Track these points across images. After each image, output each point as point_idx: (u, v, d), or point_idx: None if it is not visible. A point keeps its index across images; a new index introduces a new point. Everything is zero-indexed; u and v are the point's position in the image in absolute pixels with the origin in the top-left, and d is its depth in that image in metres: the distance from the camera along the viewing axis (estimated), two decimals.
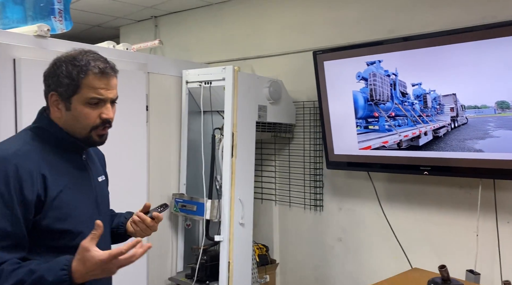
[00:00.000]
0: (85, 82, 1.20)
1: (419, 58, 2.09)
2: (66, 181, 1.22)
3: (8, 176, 1.11)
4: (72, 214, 1.21)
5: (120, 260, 1.08)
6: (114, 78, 1.26)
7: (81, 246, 1.08)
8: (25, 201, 1.12)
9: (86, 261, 1.07)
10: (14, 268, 1.07)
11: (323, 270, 2.89)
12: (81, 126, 1.23)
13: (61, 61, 1.22)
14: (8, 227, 1.09)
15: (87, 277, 1.08)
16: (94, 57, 1.23)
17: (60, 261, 1.09)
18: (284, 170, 3.07)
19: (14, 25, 2.23)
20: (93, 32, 4.38)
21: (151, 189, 2.59)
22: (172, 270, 2.71)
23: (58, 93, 1.21)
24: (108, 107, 1.24)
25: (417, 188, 2.43)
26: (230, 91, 2.45)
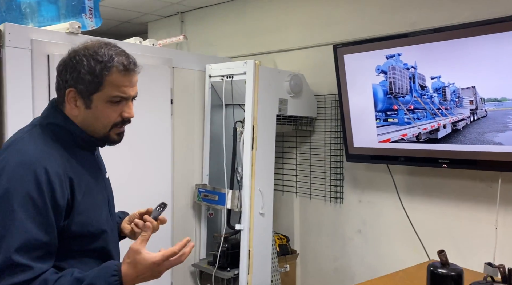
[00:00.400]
0: (109, 79, 1.11)
1: (439, 51, 2.09)
2: (86, 182, 1.15)
3: (40, 181, 1.03)
4: (95, 217, 1.16)
5: (171, 261, 1.06)
6: (136, 74, 1.18)
7: (131, 249, 1.05)
8: (58, 208, 1.05)
9: (137, 264, 1.03)
10: (57, 278, 1.02)
11: (343, 261, 2.93)
12: (101, 125, 1.15)
13: (81, 55, 1.12)
14: (43, 236, 1.02)
15: (137, 280, 1.05)
16: (116, 51, 1.14)
17: (109, 266, 1.05)
18: (305, 162, 3.12)
19: (48, 23, 2.37)
20: (122, 28, 4.54)
21: (176, 180, 2.70)
22: (195, 257, 2.82)
23: (78, 90, 1.12)
24: (130, 106, 1.17)
25: (437, 181, 2.43)
26: (251, 84, 2.52)
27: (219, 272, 2.60)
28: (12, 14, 2.32)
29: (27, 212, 1.00)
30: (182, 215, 2.76)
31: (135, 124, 2.59)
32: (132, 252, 1.04)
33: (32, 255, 1.00)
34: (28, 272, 0.98)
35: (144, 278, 1.05)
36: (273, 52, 3.30)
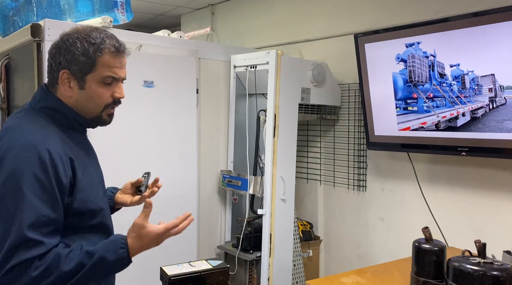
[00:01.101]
0: (101, 60, 1.17)
1: (458, 39, 2.08)
2: (83, 162, 1.22)
3: (44, 162, 1.08)
4: (93, 194, 1.22)
5: (171, 232, 1.18)
6: (125, 57, 1.26)
7: (136, 224, 1.14)
8: (62, 186, 1.11)
9: (143, 237, 1.13)
10: (68, 252, 1.09)
11: (365, 248, 2.97)
12: (94, 105, 1.21)
13: (74, 37, 1.18)
14: (51, 213, 1.09)
15: (141, 251, 1.16)
16: (107, 34, 1.20)
17: (117, 240, 1.14)
18: (329, 151, 3.17)
19: (84, 18, 2.56)
20: (157, 21, 4.72)
21: (202, 166, 2.84)
22: (220, 239, 2.96)
23: (71, 71, 1.17)
24: (120, 86, 1.25)
25: (458, 169, 2.41)
26: (273, 74, 2.60)
27: (242, 254, 2.73)
28: (52, 10, 2.52)
29: (34, 191, 1.06)
30: (208, 199, 2.91)
31: (163, 114, 2.77)
32: (137, 227, 1.14)
33: (43, 231, 1.06)
34: (40, 247, 1.05)
35: (148, 248, 1.16)
36: (299, 42, 3.35)
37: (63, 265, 1.06)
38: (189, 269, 1.24)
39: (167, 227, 1.15)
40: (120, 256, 1.11)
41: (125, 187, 1.50)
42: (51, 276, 1.05)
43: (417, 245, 1.04)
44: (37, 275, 1.04)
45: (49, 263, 1.06)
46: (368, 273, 1.88)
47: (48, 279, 1.05)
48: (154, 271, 2.57)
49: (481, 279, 0.87)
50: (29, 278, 1.04)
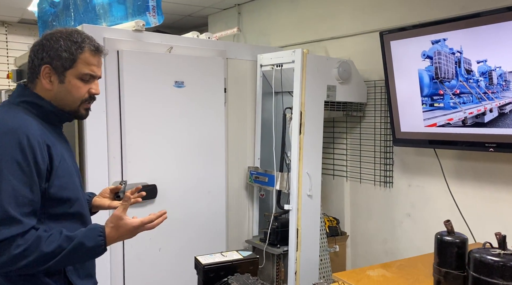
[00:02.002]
0: (82, 57, 1.27)
1: (485, 35, 2.07)
2: (61, 151, 1.28)
3: (23, 145, 1.15)
4: (71, 182, 1.29)
5: (145, 227, 1.25)
6: (102, 58, 1.35)
7: (115, 215, 1.23)
8: (39, 170, 1.18)
9: (119, 228, 1.22)
10: (49, 235, 1.16)
11: (392, 244, 2.99)
12: (72, 99, 1.29)
13: (57, 36, 1.28)
14: (29, 194, 1.15)
15: (115, 241, 1.24)
16: (87, 36, 1.31)
17: (95, 228, 1.22)
18: (355, 147, 3.20)
19: (118, 22, 2.69)
20: (185, 22, 4.85)
21: (230, 162, 2.93)
22: (248, 234, 3.05)
23: (53, 66, 1.26)
24: (97, 83, 1.33)
25: (486, 165, 2.40)
26: (299, 72, 2.65)
27: (270, 248, 2.80)
28: (88, 15, 2.67)
29: (14, 173, 1.13)
30: (236, 195, 3.00)
31: (193, 113, 2.88)
32: (115, 218, 1.22)
33: (22, 210, 1.13)
34: (20, 225, 1.12)
35: (122, 239, 1.25)
36: (324, 40, 3.38)
37: (43, 246, 1.13)
38: (222, 259, 1.31)
39: (143, 221, 1.23)
40: (97, 243, 1.19)
41: (104, 192, 1.57)
42: (31, 256, 1.11)
43: (439, 237, 1.08)
44: (18, 254, 1.10)
45: (30, 243, 1.12)
46: (394, 267, 1.91)
47: (27, 258, 1.11)
48: (187, 261, 2.70)
49: (501, 270, 0.91)
50: (10, 255, 1.10)
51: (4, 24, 4.98)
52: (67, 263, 1.21)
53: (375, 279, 1.74)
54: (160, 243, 2.55)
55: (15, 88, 1.36)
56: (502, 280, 0.90)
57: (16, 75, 3.33)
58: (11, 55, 4.96)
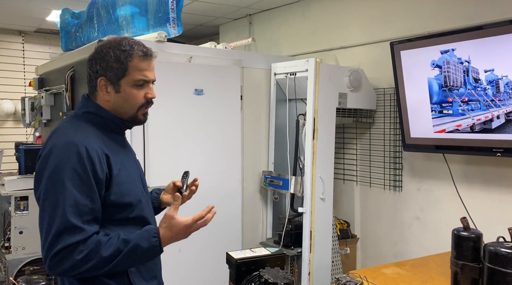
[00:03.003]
0: (132, 65, 1.31)
1: (491, 46, 2.19)
2: (121, 159, 1.33)
3: (82, 157, 1.21)
4: (131, 188, 1.33)
5: (198, 224, 1.27)
6: (153, 61, 1.39)
7: (167, 216, 1.25)
8: (98, 179, 1.23)
9: (172, 227, 1.23)
10: (108, 239, 1.20)
11: (401, 247, 3.09)
12: (130, 106, 1.34)
13: (107, 47, 1.32)
14: (89, 202, 1.21)
15: (171, 241, 1.26)
16: (135, 41, 1.35)
17: (150, 229, 1.24)
18: (365, 152, 3.30)
19: (139, 33, 2.81)
20: (197, 31, 4.99)
21: (245, 167, 3.04)
22: (262, 236, 3.15)
23: (107, 77, 1.31)
24: (151, 88, 1.37)
25: (495, 170, 2.50)
26: (312, 81, 2.77)
27: (284, 249, 2.90)
28: (111, 27, 2.79)
29: (74, 183, 1.19)
30: (250, 198, 3.10)
31: (211, 119, 2.99)
32: (167, 218, 1.25)
33: (83, 219, 1.19)
34: (82, 233, 1.18)
35: (177, 238, 1.27)
36: (334, 49, 3.50)
37: (102, 250, 1.18)
38: (252, 254, 1.41)
39: (194, 218, 1.26)
40: (152, 244, 1.21)
41: (168, 187, 1.61)
42: (92, 260, 1.17)
43: (456, 233, 1.19)
44: (81, 259, 1.16)
45: (91, 248, 1.17)
46: (408, 265, 2.01)
47: (89, 263, 1.17)
48: (205, 261, 2.80)
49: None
50: (73, 261, 1.16)
51: (21, 33, 5.14)
52: (126, 265, 1.25)
53: (390, 277, 1.84)
54: (180, 244, 2.64)
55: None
56: None
57: (38, 83, 3.46)
58: (27, 64, 5.11)
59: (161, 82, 2.55)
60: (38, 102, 3.35)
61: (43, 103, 3.19)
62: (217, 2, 3.85)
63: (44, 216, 1.20)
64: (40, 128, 3.70)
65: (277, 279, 1.22)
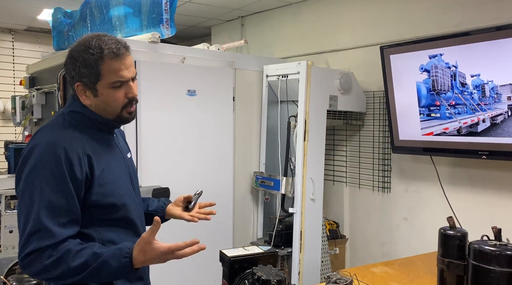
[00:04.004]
0: (104, 67, 1.24)
1: (478, 51, 2.26)
2: (105, 159, 1.30)
3: (60, 158, 1.19)
4: (115, 189, 1.30)
5: (176, 254, 1.19)
6: (129, 56, 1.30)
7: (143, 239, 1.19)
8: (76, 180, 1.21)
9: (146, 252, 1.18)
10: (79, 249, 1.17)
11: (390, 247, 3.14)
12: (112, 108, 1.30)
13: (76, 52, 1.27)
14: (65, 203, 1.19)
15: (144, 264, 1.21)
16: (104, 41, 1.26)
17: (122, 249, 1.20)
18: (354, 154, 3.36)
19: (133, 33, 2.82)
20: (189, 32, 5.00)
21: (237, 167, 3.07)
22: (253, 236, 3.18)
23: (83, 83, 1.27)
24: (131, 86, 1.30)
25: (480, 172, 2.57)
26: (304, 83, 2.81)
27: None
28: (104, 27, 2.80)
29: (50, 183, 1.18)
30: (241, 199, 3.13)
31: (204, 120, 3.01)
32: (143, 241, 1.18)
33: (57, 220, 1.18)
34: (53, 237, 1.16)
35: (151, 263, 1.22)
36: (325, 52, 3.56)
37: (71, 260, 1.15)
38: (245, 252, 1.44)
39: (170, 247, 1.18)
40: (122, 265, 1.17)
41: (178, 200, 1.60)
42: (60, 268, 1.15)
43: (443, 232, 1.24)
44: (49, 264, 1.15)
45: (60, 255, 1.15)
46: (396, 264, 2.06)
47: (57, 270, 1.16)
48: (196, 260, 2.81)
49: (497, 258, 1.06)
50: (42, 265, 1.15)
51: (11, 32, 5.10)
52: (97, 279, 1.21)
53: (379, 275, 1.89)
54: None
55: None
56: (498, 267, 1.05)
57: (29, 82, 3.45)
58: (17, 62, 5.07)
59: (154, 82, 2.59)
60: (29, 101, 3.33)
61: (34, 102, 3.18)
62: (210, 4, 3.88)
63: (20, 216, 1.20)
64: (30, 127, 3.68)
65: (269, 276, 1.25)
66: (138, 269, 1.21)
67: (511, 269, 1.05)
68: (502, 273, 1.05)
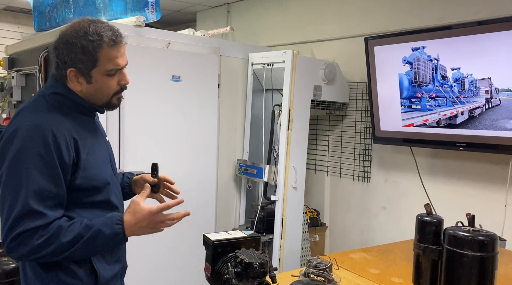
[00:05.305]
0: (101, 55, 1.24)
1: (459, 45, 2.31)
2: (89, 143, 1.30)
3: (48, 141, 1.17)
4: (98, 172, 1.30)
5: (166, 215, 1.22)
6: (123, 45, 1.30)
7: (132, 201, 1.22)
8: (64, 164, 1.20)
9: (136, 213, 1.20)
10: (70, 224, 1.18)
11: (368, 235, 3.22)
12: (103, 95, 1.30)
13: (73, 37, 1.24)
14: (53, 187, 1.18)
15: (135, 228, 1.22)
16: (103, 27, 1.26)
17: (113, 216, 1.22)
18: (336, 144, 3.41)
19: (117, 17, 2.78)
20: (173, 17, 4.94)
21: (220, 154, 3.08)
22: (235, 222, 3.21)
23: (77, 69, 1.25)
24: (124, 74, 1.31)
25: (457, 163, 2.65)
26: (289, 72, 2.83)
27: None
28: (88, 9, 2.75)
29: (38, 167, 1.17)
30: (224, 186, 3.15)
31: (188, 106, 3.00)
32: (132, 204, 1.23)
33: (45, 204, 1.17)
34: (43, 218, 1.16)
35: (142, 227, 1.23)
36: (311, 42, 3.57)
37: (63, 236, 1.16)
38: (228, 236, 1.46)
39: (159, 206, 1.22)
40: (115, 231, 1.19)
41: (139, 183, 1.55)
42: (52, 245, 1.15)
43: (420, 218, 1.28)
44: (40, 243, 1.15)
45: (51, 233, 1.15)
46: (373, 251, 2.12)
47: (49, 247, 1.15)
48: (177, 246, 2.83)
49: (470, 243, 1.11)
50: (32, 246, 1.15)
51: None
52: (88, 252, 1.23)
53: (357, 261, 1.94)
54: None
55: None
56: (471, 251, 1.10)
57: (8, 63, 3.37)
58: None
59: (138, 67, 2.56)
60: (8, 83, 3.25)
61: (13, 83, 3.11)
62: None
63: (6, 199, 1.19)
64: (8, 110, 3.60)
65: (252, 259, 1.28)
66: None
67: (482, 253, 1.10)
68: (474, 257, 1.10)
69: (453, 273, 1.14)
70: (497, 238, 1.15)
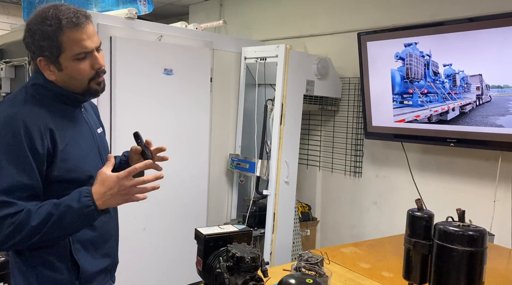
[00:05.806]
0: (64, 39, 1.18)
1: (451, 42, 2.32)
2: (70, 134, 1.25)
3: (19, 132, 1.14)
4: (79, 164, 1.26)
5: (137, 179, 1.16)
6: (90, 25, 1.22)
7: (98, 172, 1.18)
8: (37, 155, 1.16)
9: (104, 181, 1.16)
10: (39, 207, 1.15)
11: (359, 229, 3.25)
12: (78, 81, 1.24)
13: (33, 24, 1.19)
14: (25, 179, 1.15)
15: (107, 197, 1.16)
16: (61, 10, 1.19)
17: (81, 190, 1.17)
18: (328, 139, 3.42)
19: (108, 8, 2.75)
20: (166, 9, 4.90)
21: (212, 149, 3.07)
22: (227, 217, 3.22)
23: (45, 57, 1.19)
24: (96, 57, 1.24)
25: (448, 159, 2.68)
26: (282, 67, 2.82)
27: None
28: (79, 0, 2.71)
29: (9, 159, 1.13)
30: (216, 180, 3.15)
31: (179, 99, 2.99)
32: (99, 174, 1.18)
33: (15, 195, 1.14)
34: (13, 206, 1.13)
35: (113, 194, 1.16)
36: (304, 37, 3.57)
37: (32, 219, 1.12)
38: (220, 231, 1.46)
39: (126, 170, 1.17)
40: (84, 203, 1.14)
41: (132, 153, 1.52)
42: (22, 231, 1.12)
43: (411, 213, 1.29)
44: (10, 231, 1.12)
45: (21, 219, 1.12)
46: (364, 245, 2.14)
47: (21, 233, 1.12)
48: (169, 240, 2.82)
49: (460, 238, 1.12)
50: (3, 235, 1.12)
51: None
52: (63, 230, 1.18)
53: (348, 255, 1.95)
54: (144, 223, 2.67)
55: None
56: (461, 246, 1.12)
57: None
58: None
59: (130, 59, 2.54)
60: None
61: (2, 75, 3.06)
62: None
63: None
64: None
65: (244, 254, 1.28)
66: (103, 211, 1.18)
67: (472, 248, 1.11)
68: (463, 252, 1.11)
69: (443, 267, 1.15)
70: (486, 233, 1.16)
